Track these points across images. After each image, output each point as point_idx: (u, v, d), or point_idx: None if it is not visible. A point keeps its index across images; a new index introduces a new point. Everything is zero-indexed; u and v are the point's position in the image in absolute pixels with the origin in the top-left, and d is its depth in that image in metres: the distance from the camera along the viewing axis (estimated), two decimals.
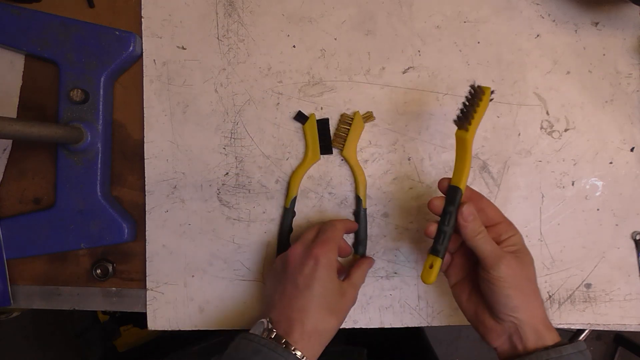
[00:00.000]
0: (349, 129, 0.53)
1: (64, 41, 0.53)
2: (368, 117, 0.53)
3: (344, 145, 0.53)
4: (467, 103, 0.42)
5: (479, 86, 0.42)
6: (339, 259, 0.52)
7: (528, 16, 0.54)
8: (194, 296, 0.55)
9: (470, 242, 0.42)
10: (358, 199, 0.53)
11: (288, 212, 0.53)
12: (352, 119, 0.53)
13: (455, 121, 0.43)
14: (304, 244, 0.47)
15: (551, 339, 0.42)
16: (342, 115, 0.54)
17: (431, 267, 0.43)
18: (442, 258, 0.43)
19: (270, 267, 0.50)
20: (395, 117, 0.54)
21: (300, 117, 0.54)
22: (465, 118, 0.42)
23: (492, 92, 0.42)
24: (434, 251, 0.43)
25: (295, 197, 0.53)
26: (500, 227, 0.44)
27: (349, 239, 0.54)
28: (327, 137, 0.53)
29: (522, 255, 0.44)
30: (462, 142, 0.42)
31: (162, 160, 0.55)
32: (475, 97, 0.42)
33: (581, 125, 0.54)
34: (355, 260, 0.53)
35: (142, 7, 0.54)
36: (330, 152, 0.54)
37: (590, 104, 0.54)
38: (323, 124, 0.53)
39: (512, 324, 0.42)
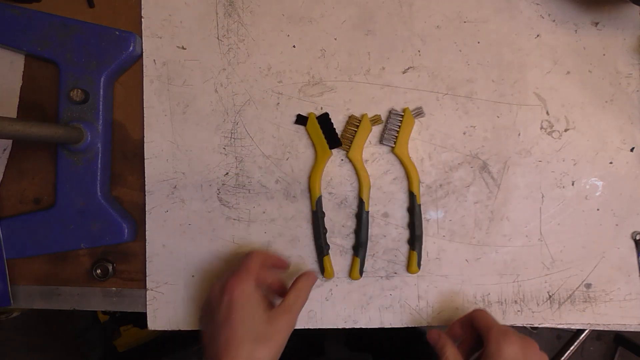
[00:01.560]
0: (355, 131, 0.53)
1: (64, 41, 0.53)
2: (376, 120, 0.53)
3: (350, 146, 0.53)
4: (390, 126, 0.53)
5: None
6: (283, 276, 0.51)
7: (528, 16, 0.54)
8: (194, 296, 0.55)
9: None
10: (360, 201, 0.53)
11: (317, 214, 0.53)
12: (360, 120, 0.53)
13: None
14: (221, 281, 0.46)
15: None
16: (350, 117, 0.54)
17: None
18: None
19: (200, 311, 0.49)
20: None
21: (301, 120, 0.54)
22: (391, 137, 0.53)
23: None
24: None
25: (320, 197, 0.53)
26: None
27: (350, 240, 0.54)
28: (332, 131, 0.53)
29: None
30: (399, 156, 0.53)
31: (162, 160, 0.55)
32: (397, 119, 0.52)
33: (581, 125, 0.54)
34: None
35: (142, 7, 0.54)
36: (340, 145, 0.53)
37: (590, 104, 0.54)
38: (324, 119, 0.53)
39: None
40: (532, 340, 0.46)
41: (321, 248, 0.53)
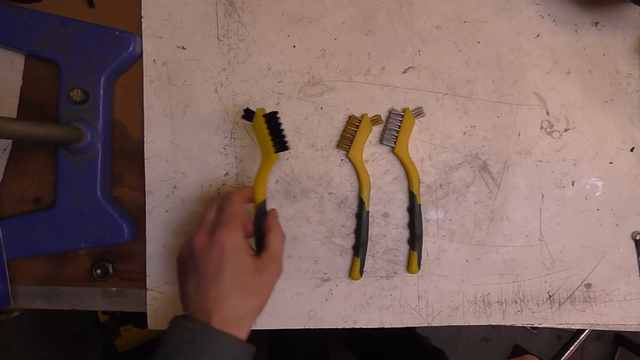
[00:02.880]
0: (355, 131, 0.53)
1: (64, 41, 0.53)
2: (376, 120, 0.53)
3: (350, 146, 0.53)
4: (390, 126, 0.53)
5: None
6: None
7: (528, 16, 0.54)
8: None
9: None
10: (361, 201, 0.53)
11: (258, 218, 0.47)
12: (360, 120, 0.53)
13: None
14: (205, 229, 0.44)
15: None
16: (350, 117, 0.54)
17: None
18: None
19: (177, 258, 0.47)
20: None
21: (248, 114, 0.48)
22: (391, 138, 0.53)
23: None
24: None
25: (264, 201, 0.48)
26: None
27: (350, 240, 0.54)
28: (279, 132, 0.47)
29: None
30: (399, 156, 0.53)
31: (162, 160, 0.55)
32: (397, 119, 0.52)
33: (581, 125, 0.54)
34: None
35: (142, 7, 0.54)
36: (287, 149, 0.48)
37: (590, 104, 0.54)
38: (272, 118, 0.47)
39: None
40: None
41: (258, 248, 0.47)
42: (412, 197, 0.53)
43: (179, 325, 0.42)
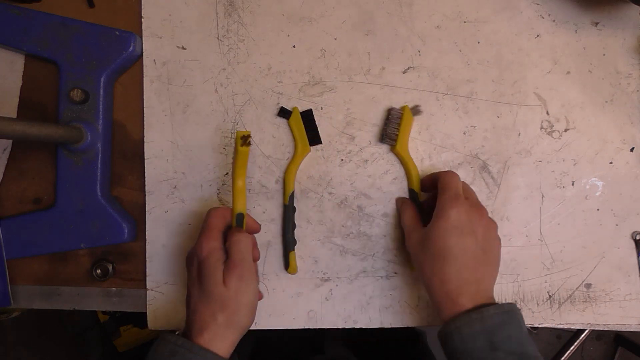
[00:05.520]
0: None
1: (64, 41, 0.53)
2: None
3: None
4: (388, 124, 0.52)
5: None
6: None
7: (528, 16, 0.54)
8: None
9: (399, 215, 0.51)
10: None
11: (288, 209, 0.53)
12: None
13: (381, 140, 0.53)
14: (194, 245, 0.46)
15: (469, 302, 0.42)
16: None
17: None
18: None
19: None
20: None
21: (284, 113, 0.54)
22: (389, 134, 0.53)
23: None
24: None
25: (293, 193, 0.53)
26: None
27: (350, 240, 0.54)
28: (314, 128, 0.53)
29: (433, 226, 0.45)
30: (400, 156, 0.53)
31: (162, 160, 0.55)
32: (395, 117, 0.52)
33: (581, 125, 0.54)
34: None
35: (142, 7, 0.54)
36: (319, 143, 0.54)
37: (590, 104, 0.54)
38: (307, 115, 0.54)
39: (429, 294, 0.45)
40: (482, 207, 0.46)
41: (288, 243, 0.53)
42: (412, 194, 0.53)
43: (164, 339, 0.43)
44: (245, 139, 0.45)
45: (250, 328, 0.47)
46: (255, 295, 0.45)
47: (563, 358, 1.37)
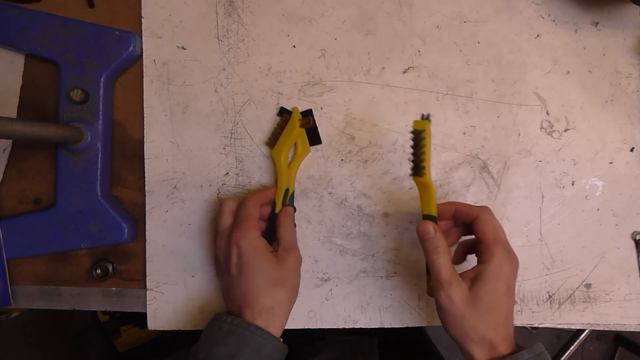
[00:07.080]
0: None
1: (64, 41, 0.53)
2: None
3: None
4: (413, 149, 0.42)
5: (416, 121, 0.41)
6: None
7: (528, 16, 0.54)
8: (194, 296, 0.55)
9: (427, 257, 0.44)
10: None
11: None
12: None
13: (411, 174, 0.43)
14: (223, 235, 0.48)
15: (506, 348, 0.42)
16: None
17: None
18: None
19: (215, 266, 0.52)
20: (395, 117, 0.54)
21: (283, 112, 0.54)
22: (418, 164, 0.42)
23: (426, 117, 0.41)
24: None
25: (293, 193, 0.53)
26: (481, 246, 0.44)
27: (350, 240, 0.54)
28: (314, 128, 0.54)
29: (487, 286, 0.42)
30: (424, 185, 0.44)
31: (162, 160, 0.55)
32: (418, 138, 0.42)
33: (581, 125, 0.54)
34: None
35: (142, 7, 0.54)
36: (319, 143, 0.54)
37: (590, 104, 0.54)
38: (307, 115, 0.54)
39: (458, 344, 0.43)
40: (516, 257, 0.44)
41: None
42: (431, 219, 0.51)
43: (218, 320, 0.45)
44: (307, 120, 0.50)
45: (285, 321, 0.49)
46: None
47: (563, 358, 1.37)
